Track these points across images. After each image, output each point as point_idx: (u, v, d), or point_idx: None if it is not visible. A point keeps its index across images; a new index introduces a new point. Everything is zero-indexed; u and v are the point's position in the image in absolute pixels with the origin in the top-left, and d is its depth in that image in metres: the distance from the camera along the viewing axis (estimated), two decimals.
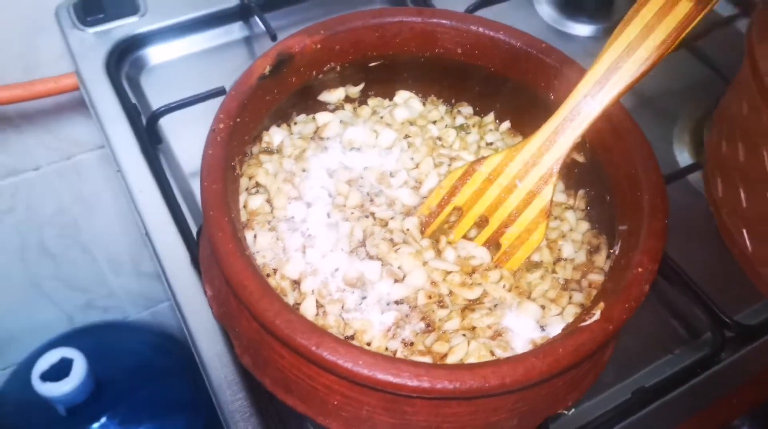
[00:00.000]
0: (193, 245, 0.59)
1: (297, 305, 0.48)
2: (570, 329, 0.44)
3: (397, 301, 0.48)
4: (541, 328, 0.48)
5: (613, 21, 0.46)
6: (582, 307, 0.49)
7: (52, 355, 0.80)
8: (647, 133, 0.50)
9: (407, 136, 0.58)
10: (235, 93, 0.49)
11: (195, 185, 0.66)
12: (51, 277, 1.11)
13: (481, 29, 0.55)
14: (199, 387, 0.57)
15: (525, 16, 0.86)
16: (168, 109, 0.66)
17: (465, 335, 0.47)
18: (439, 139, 0.59)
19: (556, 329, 0.48)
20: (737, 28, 0.85)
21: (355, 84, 0.59)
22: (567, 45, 0.55)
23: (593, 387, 0.48)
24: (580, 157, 0.54)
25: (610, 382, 0.57)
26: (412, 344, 0.47)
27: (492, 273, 0.50)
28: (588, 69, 0.48)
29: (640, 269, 0.43)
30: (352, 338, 0.47)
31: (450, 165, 0.57)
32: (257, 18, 0.76)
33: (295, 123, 0.58)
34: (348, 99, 0.59)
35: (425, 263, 0.50)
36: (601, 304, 0.42)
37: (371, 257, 0.50)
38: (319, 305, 0.47)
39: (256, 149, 0.55)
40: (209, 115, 0.48)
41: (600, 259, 0.52)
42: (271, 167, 0.54)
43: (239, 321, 0.45)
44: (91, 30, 0.76)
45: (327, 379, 0.40)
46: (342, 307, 0.47)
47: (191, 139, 0.67)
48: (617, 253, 0.48)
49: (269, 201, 0.52)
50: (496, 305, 0.49)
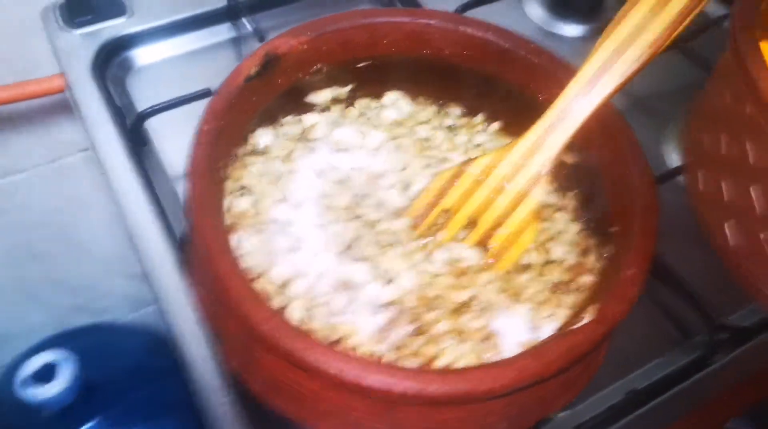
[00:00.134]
0: (179, 248, 0.59)
1: (283, 309, 0.47)
2: (562, 331, 0.44)
3: (386, 304, 0.48)
4: (532, 331, 0.48)
5: (603, 21, 0.46)
6: (573, 309, 0.49)
7: (40, 357, 0.80)
8: (638, 134, 0.50)
9: (396, 137, 0.57)
10: (222, 94, 0.49)
11: (180, 187, 0.65)
12: (40, 279, 1.10)
13: (470, 30, 0.55)
14: (190, 389, 0.57)
15: (514, 16, 0.85)
16: (154, 111, 0.66)
17: (455, 338, 0.46)
18: (428, 140, 0.58)
19: (546, 331, 0.47)
20: (727, 28, 0.85)
21: (343, 85, 0.58)
22: (556, 45, 0.55)
23: (586, 388, 0.48)
24: (570, 158, 0.54)
25: (603, 384, 0.57)
26: (401, 347, 0.46)
27: (482, 275, 0.50)
28: (578, 69, 0.48)
29: (632, 270, 0.43)
30: (339, 342, 0.46)
31: (439, 166, 0.56)
32: (245, 19, 0.76)
33: (282, 124, 0.57)
34: (336, 100, 0.59)
35: (414, 265, 0.50)
36: (593, 306, 0.42)
37: (359, 259, 0.50)
38: (306, 309, 0.47)
39: (242, 151, 0.54)
40: (195, 116, 0.48)
41: (591, 260, 0.52)
42: (258, 169, 0.53)
43: (226, 325, 0.44)
44: (78, 31, 0.75)
45: (314, 384, 0.40)
46: (329, 310, 0.47)
47: (177, 140, 0.66)
48: (608, 254, 0.48)
49: (255, 203, 0.52)
50: (485, 308, 0.49)
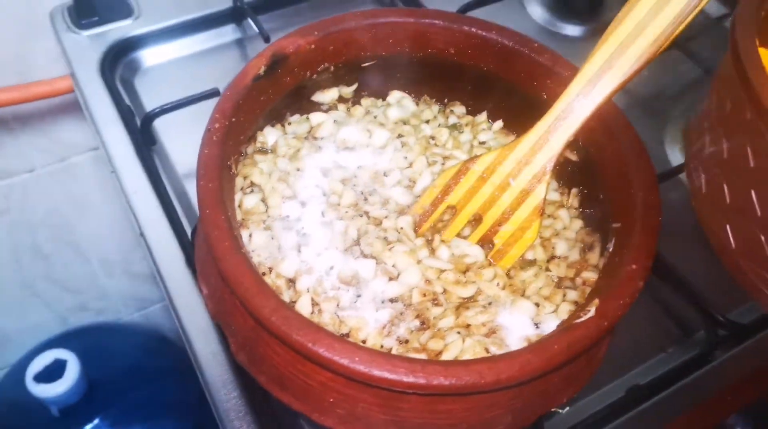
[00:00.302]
0: (188, 245, 0.59)
1: (292, 303, 0.48)
2: (565, 326, 0.44)
3: (392, 299, 0.49)
4: (536, 326, 0.48)
5: (604, 21, 0.46)
6: (576, 304, 0.49)
7: (45, 356, 0.80)
8: (639, 132, 0.50)
9: (400, 135, 0.58)
10: (231, 93, 0.49)
11: (189, 186, 0.66)
12: (44, 278, 1.10)
13: (474, 29, 0.55)
14: (192, 388, 0.57)
15: (516, 16, 0.86)
16: (162, 111, 0.66)
17: (459, 333, 0.47)
18: (432, 138, 0.59)
19: (550, 326, 0.48)
20: (728, 28, 0.85)
21: (349, 84, 0.59)
22: (558, 45, 0.55)
23: (588, 384, 0.48)
24: (573, 156, 0.55)
25: (604, 380, 0.57)
26: (407, 342, 0.47)
27: (486, 271, 0.51)
28: (580, 68, 0.48)
29: (634, 266, 0.43)
30: (347, 336, 0.47)
31: (443, 164, 0.57)
32: (250, 20, 0.76)
33: (289, 123, 0.58)
34: (341, 99, 0.60)
35: (419, 261, 0.50)
36: (596, 301, 0.42)
37: (366, 256, 0.50)
38: (315, 303, 0.47)
39: (250, 149, 0.55)
40: (203, 116, 0.48)
41: (594, 256, 0.52)
42: (266, 167, 0.54)
43: (235, 318, 0.45)
44: (86, 33, 0.76)
45: (322, 376, 0.40)
46: (337, 305, 0.47)
47: (185, 140, 0.67)
48: (611, 250, 0.48)
49: (264, 200, 0.52)
50: (490, 303, 0.49)
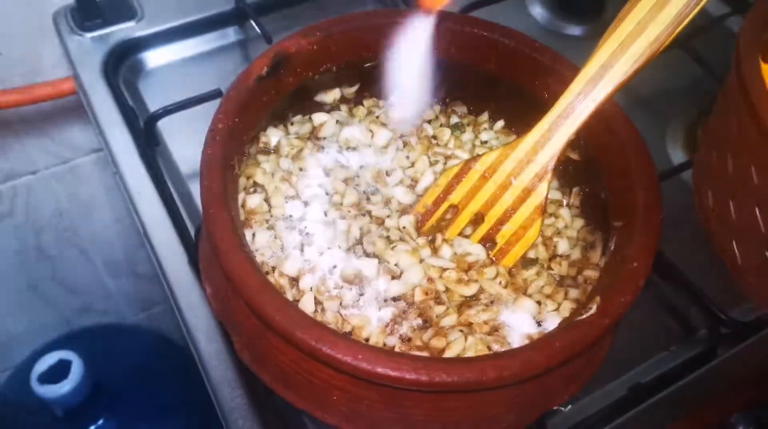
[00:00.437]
0: (191, 246, 0.60)
1: (296, 302, 0.48)
2: (566, 324, 0.44)
3: (395, 298, 0.49)
4: (538, 324, 0.49)
5: (605, 21, 0.46)
6: (578, 302, 0.50)
7: (50, 357, 0.81)
8: (641, 131, 0.50)
9: (402, 135, 0.58)
10: (234, 93, 0.50)
11: (192, 186, 0.66)
12: (49, 279, 1.11)
13: (475, 29, 0.55)
14: (196, 389, 0.57)
15: (518, 16, 0.86)
16: (165, 112, 0.66)
17: (462, 331, 0.47)
18: (434, 137, 0.59)
19: (552, 325, 0.48)
20: (729, 27, 0.86)
21: (351, 85, 0.59)
22: (560, 45, 0.55)
23: (590, 383, 0.48)
24: (574, 155, 0.55)
25: (606, 379, 0.57)
26: (409, 340, 0.47)
27: (488, 270, 0.51)
28: (581, 67, 0.48)
29: (635, 264, 0.43)
30: (350, 334, 0.47)
31: (445, 163, 0.57)
32: (252, 21, 0.76)
33: (292, 123, 0.58)
34: (344, 99, 0.60)
35: (422, 260, 0.51)
36: (597, 299, 0.42)
37: (368, 255, 0.51)
38: (318, 302, 0.48)
39: (253, 149, 0.55)
40: (206, 117, 0.48)
41: (595, 255, 0.52)
42: (269, 167, 0.54)
43: (238, 317, 0.45)
44: (89, 35, 0.76)
45: (326, 373, 0.41)
46: (340, 303, 0.48)
47: (188, 141, 0.68)
48: (612, 248, 0.48)
49: (267, 200, 0.53)
50: (492, 301, 0.49)
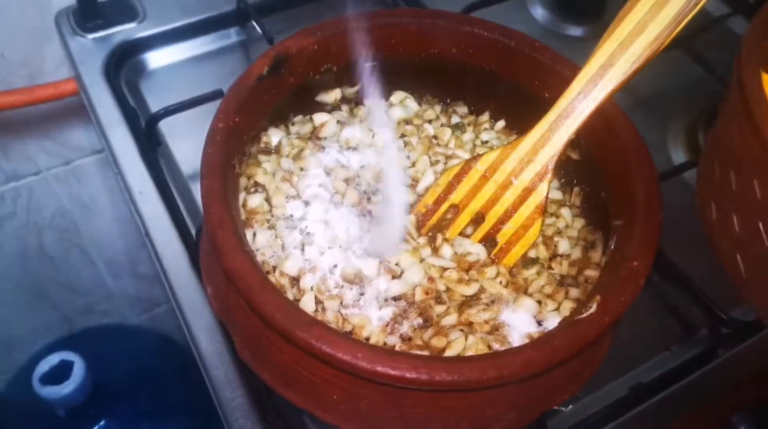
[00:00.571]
0: (193, 245, 0.60)
1: (296, 301, 0.48)
2: (566, 322, 0.44)
3: (395, 297, 0.49)
4: (538, 323, 0.49)
5: (606, 21, 0.46)
6: (578, 302, 0.49)
7: (52, 358, 0.81)
8: (642, 131, 0.50)
9: (403, 135, 0.58)
10: (234, 93, 0.50)
11: (193, 186, 0.66)
12: (51, 280, 1.11)
13: (476, 29, 0.56)
14: (197, 390, 0.57)
15: (519, 17, 0.86)
16: (166, 112, 0.67)
17: (462, 330, 0.47)
18: (435, 137, 0.59)
19: (552, 324, 0.48)
20: (729, 27, 0.86)
21: (352, 85, 0.59)
22: (561, 45, 0.55)
23: (590, 383, 0.48)
24: (574, 154, 0.55)
25: (607, 379, 0.57)
26: (410, 339, 0.47)
27: (488, 269, 0.51)
28: (581, 67, 0.48)
29: (635, 262, 0.43)
30: (350, 333, 0.47)
31: (446, 163, 0.57)
32: (254, 22, 0.76)
33: (293, 123, 0.58)
34: (344, 99, 0.60)
35: (422, 260, 0.51)
36: (597, 298, 0.42)
37: (369, 254, 0.51)
38: (318, 301, 0.48)
39: (254, 149, 0.56)
40: (207, 117, 0.48)
41: (596, 255, 0.52)
42: (270, 167, 0.54)
43: (239, 316, 0.45)
44: (91, 36, 0.77)
45: (326, 372, 0.41)
46: (340, 303, 0.48)
47: (189, 141, 0.68)
48: (613, 247, 0.48)
49: (268, 200, 0.53)
50: (493, 301, 0.49)
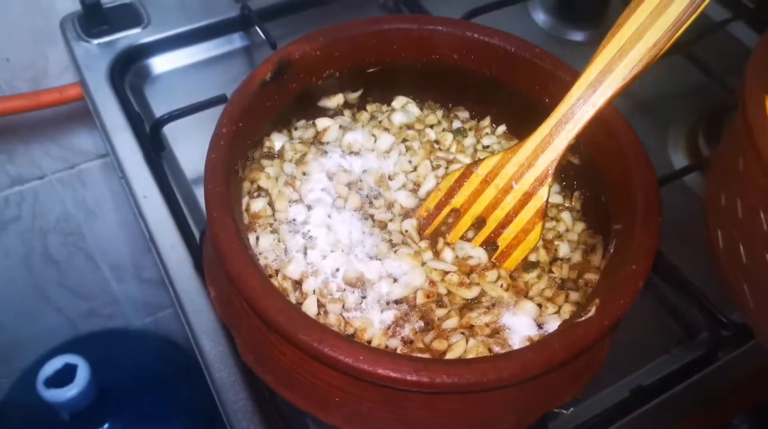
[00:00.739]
0: (196, 250, 0.60)
1: (299, 305, 0.48)
2: (565, 325, 0.45)
3: (397, 301, 0.49)
4: (539, 326, 0.49)
5: (608, 26, 0.46)
6: (578, 305, 0.50)
7: (56, 361, 0.81)
8: (642, 136, 0.50)
9: (405, 139, 0.59)
10: (238, 98, 0.50)
11: (198, 191, 0.67)
12: (55, 284, 1.11)
13: (477, 35, 0.56)
14: (201, 393, 0.58)
15: (521, 22, 0.86)
16: (171, 117, 0.67)
17: (463, 333, 0.47)
18: (437, 142, 0.60)
19: (553, 327, 0.48)
20: (730, 32, 0.86)
21: (354, 90, 0.60)
22: (563, 51, 0.56)
23: (591, 385, 0.49)
24: (575, 159, 0.55)
25: (608, 381, 0.58)
26: (411, 342, 0.47)
27: (489, 273, 0.51)
28: (582, 72, 0.49)
29: (634, 266, 0.44)
30: (353, 336, 0.47)
31: (447, 168, 0.57)
32: (257, 28, 0.77)
33: (296, 128, 0.59)
34: (347, 104, 0.60)
35: (424, 264, 0.51)
36: (596, 301, 0.43)
37: (371, 258, 0.51)
38: (320, 305, 0.48)
39: (257, 154, 0.56)
40: (211, 122, 0.49)
41: (596, 258, 0.53)
42: (273, 171, 0.55)
43: (242, 319, 0.45)
44: (96, 41, 0.77)
45: (328, 375, 0.41)
46: (343, 306, 0.48)
47: (193, 145, 0.68)
48: (612, 251, 0.48)
49: (271, 204, 0.53)
50: (493, 304, 0.50)
